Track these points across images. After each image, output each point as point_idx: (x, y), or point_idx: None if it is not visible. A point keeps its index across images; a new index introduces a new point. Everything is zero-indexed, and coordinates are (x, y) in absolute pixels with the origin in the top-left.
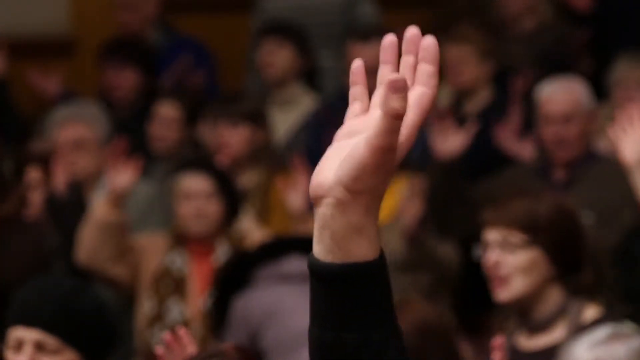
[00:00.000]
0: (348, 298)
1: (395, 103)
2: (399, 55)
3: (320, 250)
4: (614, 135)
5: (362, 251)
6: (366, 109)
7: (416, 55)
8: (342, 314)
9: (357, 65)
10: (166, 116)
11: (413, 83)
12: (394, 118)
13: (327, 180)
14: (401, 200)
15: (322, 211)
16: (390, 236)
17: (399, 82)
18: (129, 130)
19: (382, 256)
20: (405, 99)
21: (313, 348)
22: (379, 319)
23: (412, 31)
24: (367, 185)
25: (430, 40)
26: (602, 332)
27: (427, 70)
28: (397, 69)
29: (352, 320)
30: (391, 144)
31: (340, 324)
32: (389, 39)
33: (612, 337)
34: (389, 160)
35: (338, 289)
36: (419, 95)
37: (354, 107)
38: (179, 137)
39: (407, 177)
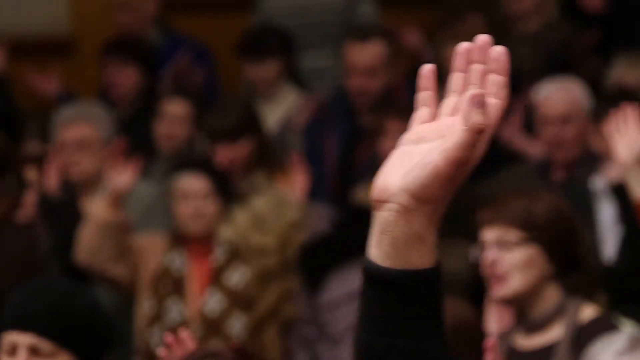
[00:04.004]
0: (404, 305)
1: (478, 117)
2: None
3: (377, 254)
4: (608, 135)
5: (420, 259)
6: (434, 116)
7: (485, 64)
8: (397, 321)
9: (427, 69)
10: (174, 114)
11: None
12: (477, 132)
13: (393, 186)
14: None
15: (384, 216)
16: None
17: (481, 97)
18: (129, 128)
19: (438, 266)
20: (486, 113)
21: (360, 353)
22: (432, 328)
23: (482, 39)
24: (434, 195)
25: (499, 50)
26: (622, 340)
27: (497, 80)
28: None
29: (405, 327)
30: (469, 156)
31: (393, 330)
32: (463, 46)
33: (634, 345)
34: (461, 172)
35: (395, 295)
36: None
37: (421, 113)
38: (186, 135)
39: None
